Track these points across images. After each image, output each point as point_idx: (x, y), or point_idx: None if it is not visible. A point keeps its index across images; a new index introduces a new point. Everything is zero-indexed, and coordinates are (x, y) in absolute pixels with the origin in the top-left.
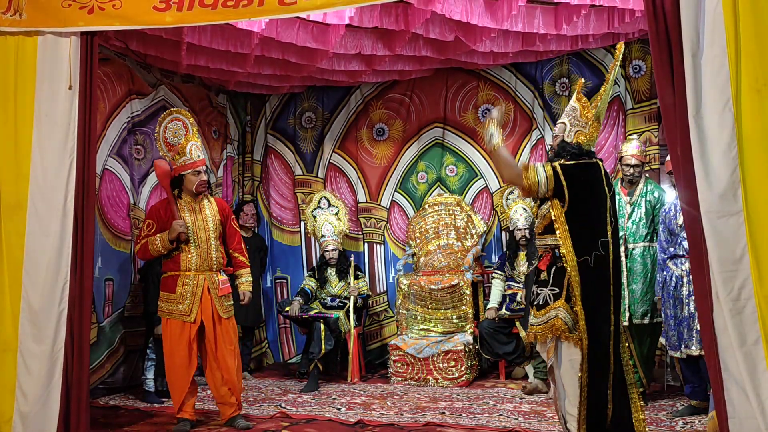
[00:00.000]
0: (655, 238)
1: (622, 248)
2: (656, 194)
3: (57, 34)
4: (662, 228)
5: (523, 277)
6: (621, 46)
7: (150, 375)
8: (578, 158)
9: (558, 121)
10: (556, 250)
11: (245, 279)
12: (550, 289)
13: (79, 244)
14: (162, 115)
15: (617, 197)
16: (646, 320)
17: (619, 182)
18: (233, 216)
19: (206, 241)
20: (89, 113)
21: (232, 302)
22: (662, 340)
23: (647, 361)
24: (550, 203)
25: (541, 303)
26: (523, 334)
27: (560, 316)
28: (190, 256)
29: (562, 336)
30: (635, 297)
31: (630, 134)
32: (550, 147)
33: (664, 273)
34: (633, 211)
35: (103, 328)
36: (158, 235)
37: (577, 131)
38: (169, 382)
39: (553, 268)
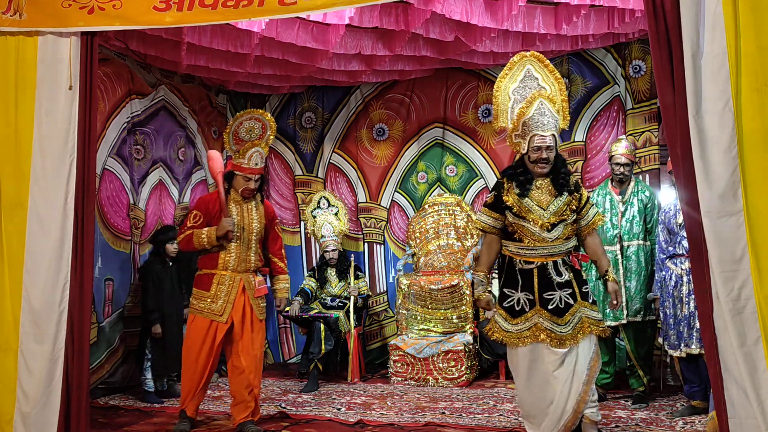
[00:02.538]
0: (648, 237)
1: (618, 246)
2: (647, 193)
3: (57, 34)
4: (661, 227)
5: None
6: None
7: (149, 375)
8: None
9: (548, 132)
10: (576, 251)
11: (283, 285)
12: (586, 288)
13: (79, 244)
14: (242, 111)
15: (609, 196)
16: (639, 317)
17: (609, 182)
18: (277, 220)
19: (248, 242)
20: (89, 113)
21: (265, 304)
22: (661, 339)
23: (646, 361)
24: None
25: (591, 300)
26: None
27: None
28: (229, 255)
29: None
30: (630, 294)
31: (629, 134)
32: (544, 159)
33: (663, 272)
34: (626, 209)
35: (103, 328)
36: (205, 229)
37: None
38: (184, 376)
39: (574, 268)
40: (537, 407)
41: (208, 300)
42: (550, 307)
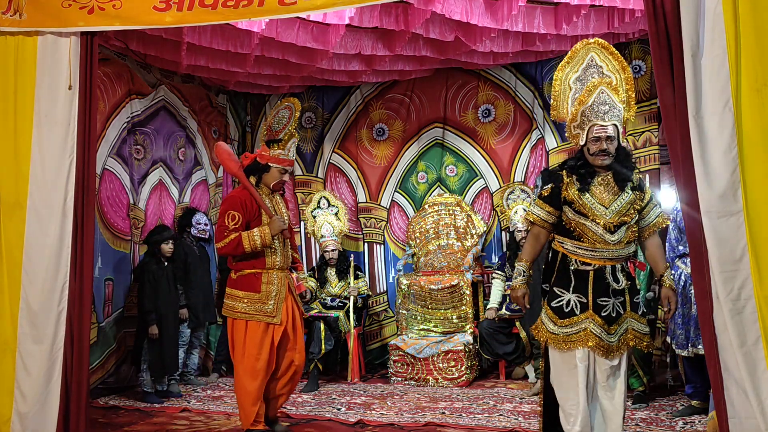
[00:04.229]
0: None
1: None
2: None
3: (57, 34)
4: (672, 226)
5: None
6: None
7: (147, 376)
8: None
9: (609, 122)
10: (634, 258)
11: (303, 275)
12: (638, 299)
13: (79, 244)
14: (278, 102)
15: None
16: None
17: None
18: (289, 213)
19: (285, 238)
20: (89, 113)
21: None
22: (668, 338)
23: (646, 361)
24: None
25: (640, 312)
26: (523, 334)
27: None
28: (275, 254)
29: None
30: None
31: (629, 134)
32: (602, 151)
33: (672, 271)
34: None
35: (102, 328)
36: (257, 230)
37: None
38: (246, 390)
39: (629, 276)
40: (586, 417)
41: (258, 302)
42: (603, 313)
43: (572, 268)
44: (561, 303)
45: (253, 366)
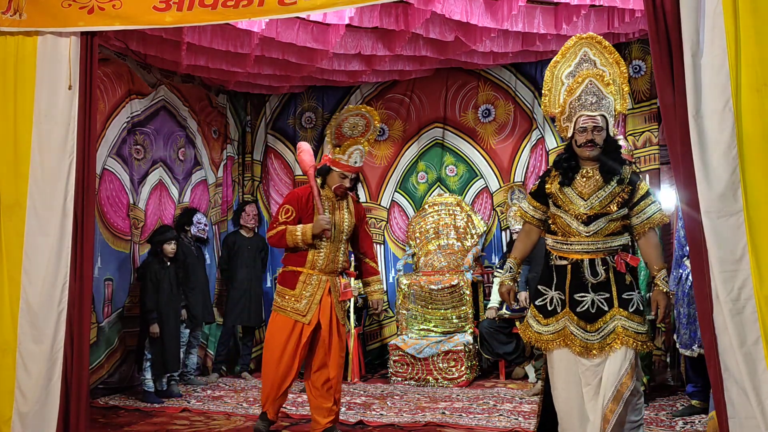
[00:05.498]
0: None
1: None
2: None
3: (57, 34)
4: (681, 224)
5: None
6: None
7: (148, 375)
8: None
9: (597, 112)
10: (625, 252)
11: (378, 287)
12: (638, 293)
13: (78, 244)
14: (349, 107)
15: None
16: None
17: None
18: (367, 219)
19: (338, 242)
20: (89, 113)
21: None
22: (674, 337)
23: (645, 361)
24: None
25: (632, 309)
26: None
27: None
28: (318, 254)
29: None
30: None
31: (629, 134)
32: (589, 142)
33: (680, 270)
34: None
35: (102, 328)
36: (300, 226)
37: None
38: (264, 377)
39: (615, 270)
40: (572, 423)
41: (292, 299)
42: (579, 310)
43: (552, 263)
44: (545, 301)
45: (278, 358)
